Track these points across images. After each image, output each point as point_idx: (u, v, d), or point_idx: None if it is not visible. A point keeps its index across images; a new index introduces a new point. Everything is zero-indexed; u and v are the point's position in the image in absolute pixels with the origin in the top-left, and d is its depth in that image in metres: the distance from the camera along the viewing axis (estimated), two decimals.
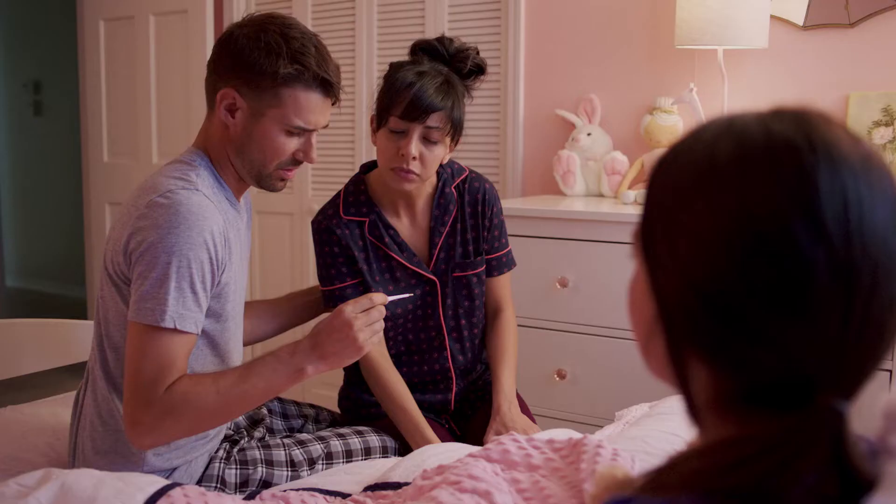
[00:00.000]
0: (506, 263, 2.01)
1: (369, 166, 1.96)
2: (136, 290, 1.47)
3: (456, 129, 1.80)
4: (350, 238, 1.86)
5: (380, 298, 1.54)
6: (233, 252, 1.59)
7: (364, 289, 1.87)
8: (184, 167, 1.58)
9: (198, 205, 1.49)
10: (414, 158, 1.77)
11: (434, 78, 1.76)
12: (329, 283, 1.88)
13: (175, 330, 1.46)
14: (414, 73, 1.76)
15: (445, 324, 1.94)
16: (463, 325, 1.96)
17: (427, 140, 1.78)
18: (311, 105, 1.57)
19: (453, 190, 1.93)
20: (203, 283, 1.50)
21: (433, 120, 1.75)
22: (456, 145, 1.85)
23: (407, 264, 1.89)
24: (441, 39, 1.84)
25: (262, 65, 1.53)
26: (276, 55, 1.53)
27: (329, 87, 1.58)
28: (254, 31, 1.55)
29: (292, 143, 1.60)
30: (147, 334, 1.46)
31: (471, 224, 1.93)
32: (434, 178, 1.91)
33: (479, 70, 1.85)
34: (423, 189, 1.90)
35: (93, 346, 1.64)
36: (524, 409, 1.99)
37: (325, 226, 1.87)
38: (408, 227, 1.92)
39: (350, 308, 1.50)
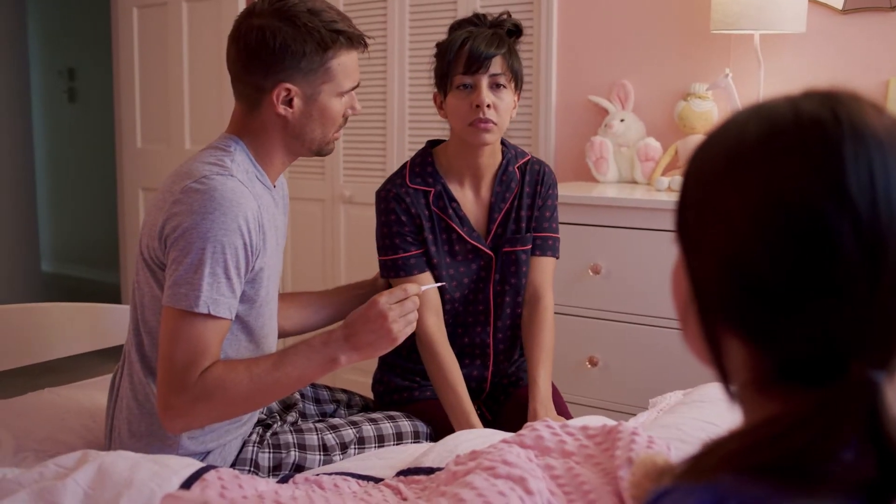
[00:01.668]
0: (550, 247, 2.00)
1: (434, 143, 2.00)
2: (171, 275, 1.48)
3: (517, 77, 1.87)
4: (416, 206, 1.90)
5: (414, 289, 1.54)
6: (267, 237, 1.59)
7: (427, 259, 1.90)
8: (219, 153, 1.58)
9: (232, 190, 1.50)
10: (489, 106, 1.81)
11: (483, 32, 1.84)
12: (392, 251, 1.90)
13: (209, 315, 1.47)
14: (464, 32, 1.85)
15: (494, 299, 1.96)
16: (507, 301, 1.97)
17: (495, 87, 1.83)
18: (354, 64, 1.62)
19: (516, 170, 1.97)
20: (237, 269, 1.50)
21: (495, 67, 1.83)
22: (519, 96, 1.92)
23: (467, 238, 1.92)
24: (476, 15, 1.91)
25: (311, 49, 1.55)
26: (318, 34, 1.55)
27: (361, 42, 1.62)
28: (284, 22, 1.54)
29: (343, 106, 1.63)
30: (181, 319, 1.47)
31: (527, 203, 1.96)
32: (499, 156, 1.95)
33: (518, 30, 1.91)
34: (491, 163, 1.94)
35: (129, 331, 1.66)
36: (557, 397, 1.99)
37: (394, 193, 1.91)
38: (471, 200, 1.95)
39: (384, 299, 1.50)
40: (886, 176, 0.61)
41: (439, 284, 1.81)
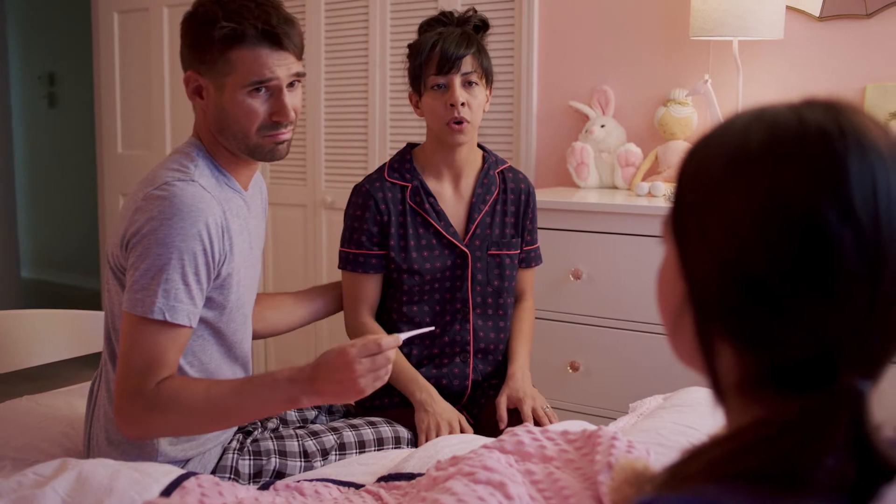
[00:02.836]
0: (534, 258, 2.12)
1: (414, 146, 2.06)
2: (128, 281, 1.48)
3: (487, 74, 1.94)
4: (391, 201, 1.95)
5: (389, 343, 1.44)
6: (234, 243, 1.58)
7: (377, 261, 1.95)
8: (182, 158, 1.58)
9: (192, 196, 1.49)
10: (462, 105, 1.87)
11: (452, 33, 1.90)
12: (347, 245, 1.98)
13: (165, 322, 1.46)
14: (433, 34, 1.91)
15: (472, 298, 1.99)
16: (489, 303, 2.02)
17: (467, 85, 1.90)
18: (263, 59, 1.55)
19: (496, 175, 2.03)
20: (196, 276, 1.49)
21: (466, 66, 1.89)
22: (491, 91, 1.98)
23: (443, 232, 1.96)
24: (443, 13, 1.98)
25: (204, 36, 1.54)
26: (213, 22, 1.53)
27: (275, 38, 1.55)
28: (194, 10, 1.58)
29: (261, 104, 1.57)
30: (138, 325, 1.46)
31: (511, 210, 2.02)
32: (478, 155, 2.02)
33: (485, 25, 1.99)
34: (471, 160, 2.00)
35: (104, 338, 1.65)
36: None
37: (366, 190, 1.96)
38: (450, 197, 2.00)
39: (356, 351, 1.41)
40: (888, 190, 0.63)
41: (425, 330, 1.72)
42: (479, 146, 2.04)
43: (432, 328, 1.80)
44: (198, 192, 1.51)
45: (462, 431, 1.85)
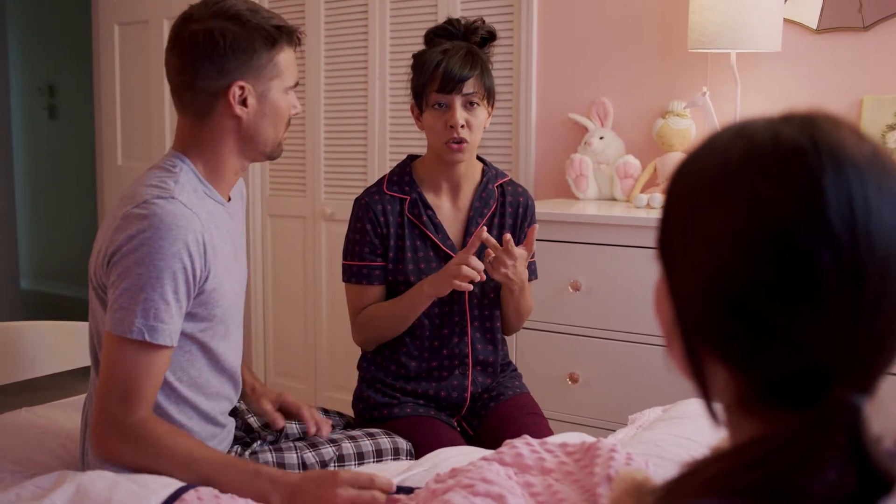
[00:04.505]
0: (533, 272, 2.10)
1: (414, 157, 2.06)
2: (109, 300, 1.47)
3: (490, 94, 1.94)
4: (389, 213, 1.96)
5: (382, 483, 1.40)
6: (218, 256, 1.57)
7: (380, 272, 1.96)
8: (162, 174, 1.56)
9: (172, 214, 1.47)
10: (462, 126, 1.88)
11: (458, 51, 1.90)
12: (350, 258, 1.99)
13: (145, 342, 1.45)
14: (438, 52, 1.91)
15: (469, 311, 2.00)
16: (487, 315, 2.03)
17: (468, 105, 1.90)
18: (294, 60, 1.63)
19: (495, 188, 2.03)
20: (176, 294, 1.47)
21: (468, 87, 1.90)
22: (493, 107, 1.98)
23: (441, 245, 1.97)
24: (449, 21, 1.97)
25: (259, 46, 1.56)
26: (264, 30, 1.56)
27: (298, 37, 1.63)
28: (229, 22, 1.54)
29: (288, 104, 1.64)
30: (118, 345, 1.46)
31: (510, 223, 2.03)
32: (477, 170, 2.03)
33: (492, 37, 1.99)
34: (470, 174, 2.01)
35: (90, 357, 1.64)
36: (537, 411, 2.01)
37: (366, 202, 1.98)
38: (448, 210, 2.01)
39: (346, 476, 1.41)
40: (866, 204, 0.62)
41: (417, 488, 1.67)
42: (480, 159, 2.04)
43: (419, 487, 1.72)
44: (178, 209, 1.49)
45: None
